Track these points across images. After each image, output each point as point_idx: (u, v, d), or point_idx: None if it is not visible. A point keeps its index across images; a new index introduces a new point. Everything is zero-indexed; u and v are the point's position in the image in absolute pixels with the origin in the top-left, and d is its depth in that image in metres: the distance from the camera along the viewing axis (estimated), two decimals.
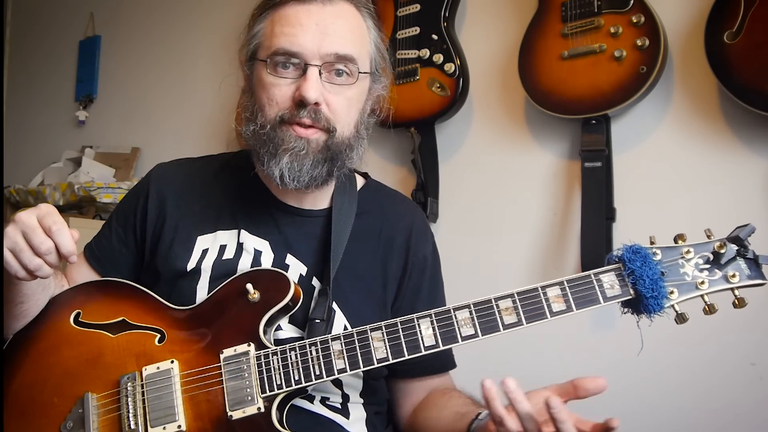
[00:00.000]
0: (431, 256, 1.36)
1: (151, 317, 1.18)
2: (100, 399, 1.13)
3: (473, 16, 2.35)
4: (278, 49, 1.16)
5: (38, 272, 1.05)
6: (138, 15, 3.28)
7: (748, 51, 1.72)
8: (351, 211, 1.30)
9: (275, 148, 1.17)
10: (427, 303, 1.27)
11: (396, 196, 1.45)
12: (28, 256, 1.03)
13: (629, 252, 1.04)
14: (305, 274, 1.25)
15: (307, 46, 1.15)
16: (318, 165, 1.18)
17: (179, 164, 1.39)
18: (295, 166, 1.17)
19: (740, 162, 1.86)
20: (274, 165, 1.17)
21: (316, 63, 1.15)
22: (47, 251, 1.03)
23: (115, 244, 1.33)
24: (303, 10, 1.17)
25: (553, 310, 1.04)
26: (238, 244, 1.26)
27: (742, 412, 1.78)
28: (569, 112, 2.00)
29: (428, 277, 1.34)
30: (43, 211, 1.05)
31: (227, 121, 2.76)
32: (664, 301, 1.02)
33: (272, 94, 1.17)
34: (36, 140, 3.49)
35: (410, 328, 1.07)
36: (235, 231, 1.27)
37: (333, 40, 1.16)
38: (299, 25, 1.16)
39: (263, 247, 1.26)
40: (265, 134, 1.18)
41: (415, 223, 1.36)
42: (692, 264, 1.04)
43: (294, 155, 1.17)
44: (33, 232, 1.03)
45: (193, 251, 1.26)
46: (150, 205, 1.31)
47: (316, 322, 1.17)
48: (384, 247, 1.31)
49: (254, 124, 1.20)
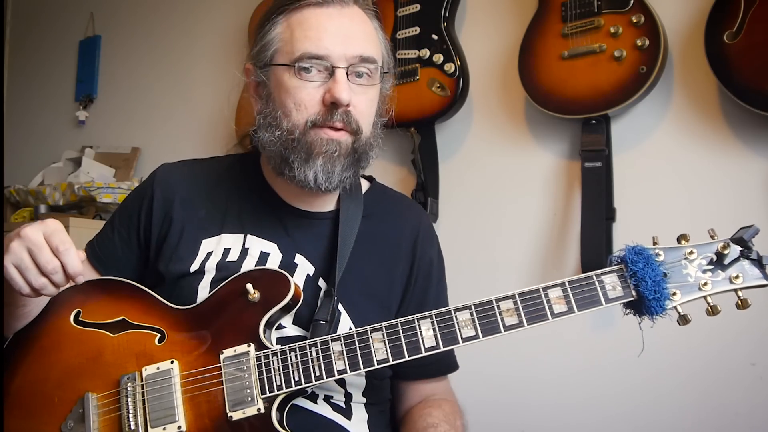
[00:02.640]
0: (437, 260, 1.37)
1: (151, 317, 1.18)
2: (100, 399, 1.13)
3: (473, 16, 2.35)
4: (305, 53, 1.16)
5: (43, 291, 1.05)
6: (138, 15, 3.28)
7: (748, 51, 1.72)
8: (357, 213, 1.30)
9: (308, 153, 1.17)
10: (432, 307, 1.27)
11: (403, 200, 1.46)
12: (33, 274, 1.03)
13: (632, 253, 1.03)
14: (312, 274, 1.24)
15: (333, 49, 1.16)
16: (348, 168, 1.20)
17: (184, 165, 1.39)
18: (328, 168, 1.18)
19: (740, 162, 1.86)
20: (308, 169, 1.18)
21: (342, 65, 1.16)
22: (53, 271, 1.03)
23: (118, 244, 1.32)
24: (323, 14, 1.18)
25: (555, 311, 1.03)
26: (243, 249, 1.25)
27: (742, 412, 1.78)
28: (569, 112, 2.00)
29: (434, 282, 1.34)
30: (50, 228, 1.05)
31: (227, 121, 2.76)
32: (666, 303, 1.01)
33: (299, 98, 1.17)
34: (36, 140, 3.49)
35: (411, 329, 1.06)
36: (240, 236, 1.27)
37: (356, 42, 1.18)
38: (322, 28, 1.17)
39: (271, 249, 1.25)
40: (295, 139, 1.18)
41: (421, 228, 1.36)
42: (695, 265, 1.03)
43: (327, 158, 1.17)
44: (40, 251, 1.03)
45: (198, 254, 1.25)
46: (155, 207, 1.30)
47: (320, 323, 1.17)
48: (391, 250, 1.31)
49: (280, 129, 1.19)
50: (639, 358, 1.79)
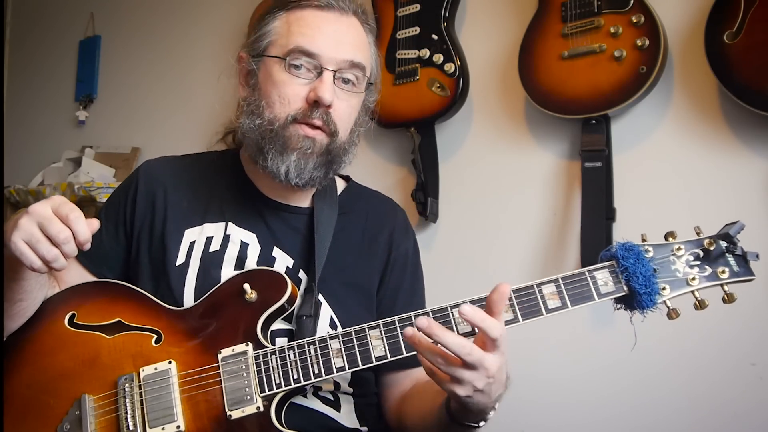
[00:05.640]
0: (412, 251, 1.42)
1: (147, 318, 1.18)
2: (97, 400, 1.13)
3: (473, 16, 2.34)
4: (296, 47, 1.20)
5: (55, 263, 1.03)
6: (138, 15, 3.28)
7: (748, 51, 1.72)
8: (333, 211, 1.34)
9: (283, 146, 1.21)
10: (407, 294, 1.35)
11: (378, 196, 1.49)
12: (45, 246, 1.01)
13: (622, 249, 1.07)
14: (291, 266, 1.27)
15: (325, 49, 1.20)
16: (320, 167, 1.23)
17: (167, 160, 1.42)
18: (301, 164, 1.21)
19: (740, 162, 1.86)
20: (281, 162, 1.21)
21: (331, 68, 1.20)
22: (65, 240, 1.01)
23: (105, 241, 1.32)
24: (322, 16, 1.23)
25: (549, 306, 1.06)
26: (224, 236, 1.28)
27: (742, 412, 1.78)
28: (569, 112, 2.00)
29: (409, 272, 1.38)
30: (57, 201, 1.04)
31: (227, 121, 2.76)
32: (656, 297, 1.04)
33: (285, 92, 1.21)
34: (36, 140, 3.49)
35: (408, 325, 1.06)
36: (222, 223, 1.29)
37: (348, 48, 1.22)
38: (318, 28, 1.21)
39: (250, 240, 1.28)
40: (273, 131, 1.21)
41: (397, 222, 1.42)
42: (683, 260, 1.07)
43: (301, 154, 1.21)
44: (50, 222, 1.01)
45: (181, 244, 1.27)
46: (139, 199, 1.32)
47: (303, 319, 1.18)
48: (368, 242, 1.35)
49: (260, 119, 1.23)
50: (638, 358, 1.78)
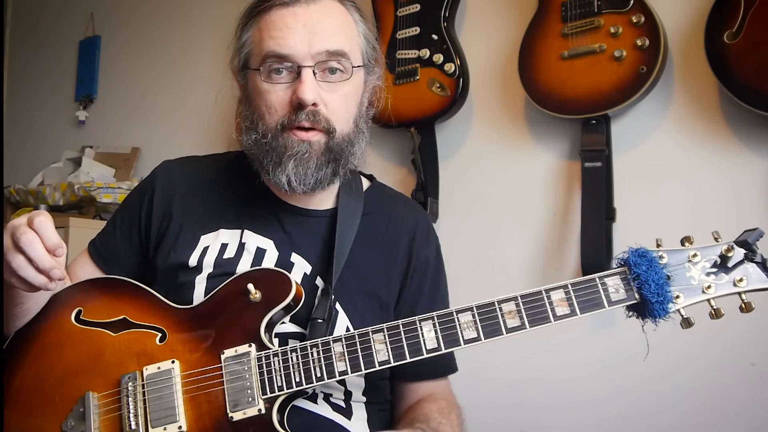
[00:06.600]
0: (434, 259, 1.36)
1: (152, 316, 1.18)
2: (101, 398, 1.13)
3: (473, 16, 2.35)
4: (268, 53, 1.16)
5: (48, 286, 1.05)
6: (138, 15, 3.28)
7: (748, 51, 1.72)
8: (357, 211, 1.30)
9: (279, 156, 1.18)
10: (426, 305, 1.27)
11: (401, 198, 1.45)
12: (32, 273, 1.03)
13: (635, 255, 1.01)
14: (309, 273, 1.24)
15: (296, 47, 1.15)
16: (322, 167, 1.19)
17: (185, 162, 1.40)
18: (300, 170, 1.18)
19: (740, 162, 1.86)
20: (280, 172, 1.18)
21: (308, 64, 1.16)
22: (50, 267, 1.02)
23: (120, 242, 1.32)
24: (288, 13, 1.17)
25: (557, 314, 1.02)
26: (240, 243, 1.26)
27: (743, 412, 1.78)
28: (569, 112, 2.00)
29: (429, 280, 1.33)
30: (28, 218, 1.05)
31: (227, 121, 2.76)
32: (669, 306, 1.00)
33: (269, 101, 1.18)
34: (36, 140, 3.49)
35: (412, 330, 1.06)
36: (238, 231, 1.27)
37: (322, 38, 1.16)
38: (286, 27, 1.17)
39: (267, 246, 1.25)
40: (267, 143, 1.19)
41: (419, 226, 1.36)
42: (699, 268, 1.01)
43: (298, 160, 1.17)
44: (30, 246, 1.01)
45: (195, 249, 1.26)
46: (156, 203, 1.31)
47: (317, 322, 1.17)
48: (388, 249, 1.31)
49: (256, 132, 1.20)
50: (639, 359, 1.78)
